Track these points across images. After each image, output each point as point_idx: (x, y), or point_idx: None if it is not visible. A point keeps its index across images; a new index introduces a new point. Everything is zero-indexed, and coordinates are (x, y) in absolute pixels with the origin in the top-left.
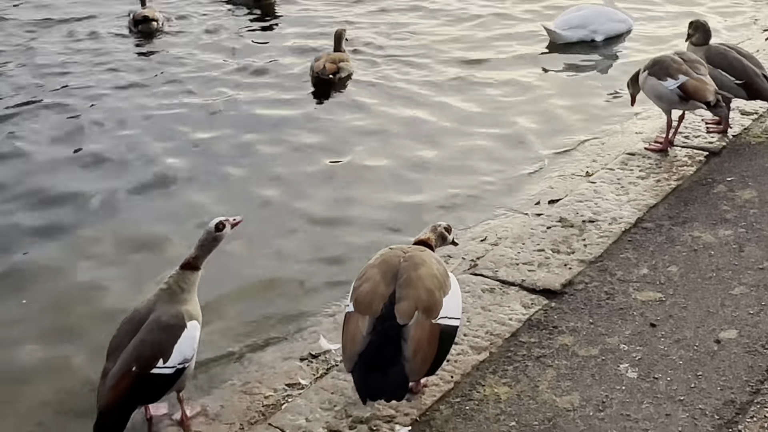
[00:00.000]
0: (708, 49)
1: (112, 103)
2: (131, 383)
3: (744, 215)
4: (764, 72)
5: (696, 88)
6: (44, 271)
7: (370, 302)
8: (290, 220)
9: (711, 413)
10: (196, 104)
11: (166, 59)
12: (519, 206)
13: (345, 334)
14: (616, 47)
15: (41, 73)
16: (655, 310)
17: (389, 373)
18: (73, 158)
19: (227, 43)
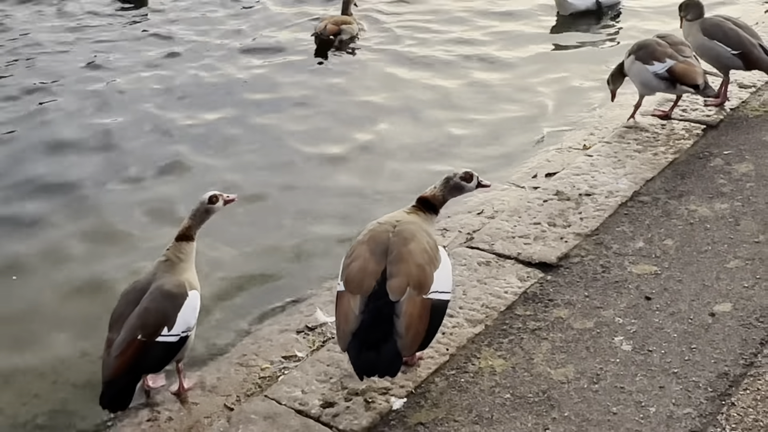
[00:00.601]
0: (703, 21)
1: (106, 80)
2: (137, 351)
3: (740, 189)
4: (761, 42)
5: (684, 71)
6: (39, 242)
7: (361, 280)
8: (286, 193)
9: (704, 386)
10: (192, 79)
11: (159, 34)
12: (516, 179)
13: (338, 314)
14: (621, 18)
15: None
16: (650, 284)
17: (382, 350)
18: (56, 142)
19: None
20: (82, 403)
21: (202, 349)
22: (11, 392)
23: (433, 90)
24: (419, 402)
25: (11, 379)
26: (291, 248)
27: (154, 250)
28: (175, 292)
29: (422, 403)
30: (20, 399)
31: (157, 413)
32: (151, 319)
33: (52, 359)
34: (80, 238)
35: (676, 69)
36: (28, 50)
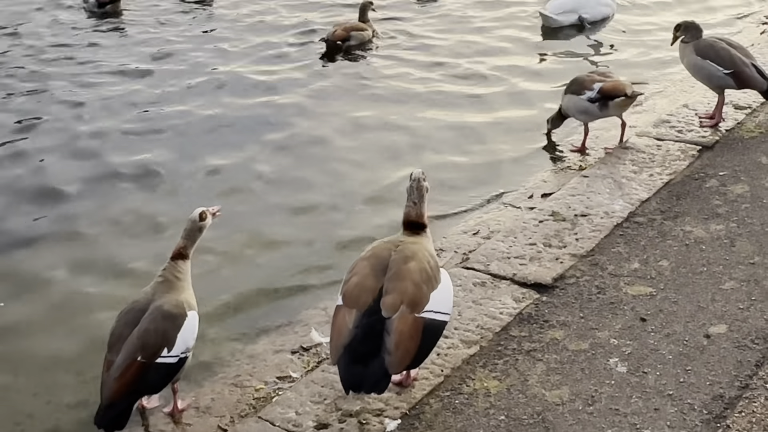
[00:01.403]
0: (697, 43)
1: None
2: (137, 373)
3: (736, 210)
4: (753, 62)
5: (613, 86)
6: (34, 266)
7: (357, 296)
8: (282, 212)
9: (700, 408)
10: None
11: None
12: (511, 200)
13: (333, 327)
14: (601, 31)
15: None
16: (645, 305)
17: (370, 366)
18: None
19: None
20: (76, 424)
21: (196, 369)
22: (5, 412)
23: (429, 105)
24: (413, 424)
25: (5, 399)
26: (286, 268)
27: (145, 268)
28: (175, 313)
29: (416, 425)
30: (14, 419)
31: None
32: (151, 340)
33: (46, 379)
34: (71, 257)
35: (605, 87)
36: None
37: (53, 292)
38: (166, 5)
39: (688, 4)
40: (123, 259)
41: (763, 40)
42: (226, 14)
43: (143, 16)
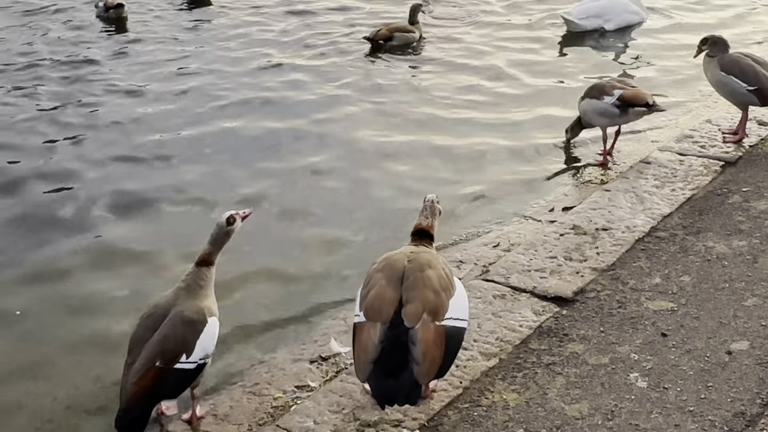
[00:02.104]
0: (721, 58)
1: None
2: (155, 378)
3: (759, 226)
4: None
5: (634, 94)
6: (52, 269)
7: (379, 308)
8: (303, 222)
9: (720, 425)
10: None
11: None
12: (532, 213)
13: (357, 344)
14: (625, 38)
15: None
16: (666, 320)
17: (400, 378)
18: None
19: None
20: (95, 429)
21: (215, 377)
22: (25, 417)
23: (454, 114)
24: None
25: (25, 405)
26: (306, 277)
27: (165, 275)
28: (195, 319)
29: None
30: (33, 424)
31: None
32: (170, 345)
33: (66, 384)
34: (90, 264)
35: (626, 95)
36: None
37: (72, 299)
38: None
39: (721, 18)
40: (144, 267)
41: None
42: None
43: (155, 27)
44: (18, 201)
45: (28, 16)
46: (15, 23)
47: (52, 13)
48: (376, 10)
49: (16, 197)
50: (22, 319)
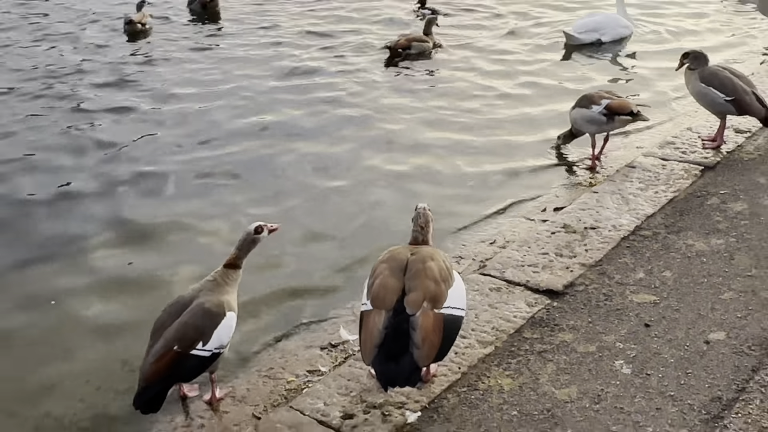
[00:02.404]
0: (702, 70)
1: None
2: (172, 361)
3: (735, 226)
4: (754, 90)
5: (619, 104)
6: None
7: (383, 297)
8: (313, 222)
9: (699, 408)
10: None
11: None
12: (526, 213)
13: (364, 331)
14: (619, 48)
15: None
16: (649, 312)
17: (401, 362)
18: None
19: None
20: (123, 408)
21: (233, 362)
22: (58, 397)
23: (456, 121)
24: (432, 416)
25: (59, 385)
26: (316, 271)
27: (197, 265)
28: (214, 311)
29: (435, 417)
30: (66, 403)
31: (190, 420)
32: (188, 332)
33: (97, 367)
34: (121, 251)
35: (612, 104)
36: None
37: (103, 289)
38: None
39: (700, 33)
40: (174, 255)
41: (763, 70)
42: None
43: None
44: (55, 198)
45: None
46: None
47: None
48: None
49: (53, 193)
50: (56, 307)
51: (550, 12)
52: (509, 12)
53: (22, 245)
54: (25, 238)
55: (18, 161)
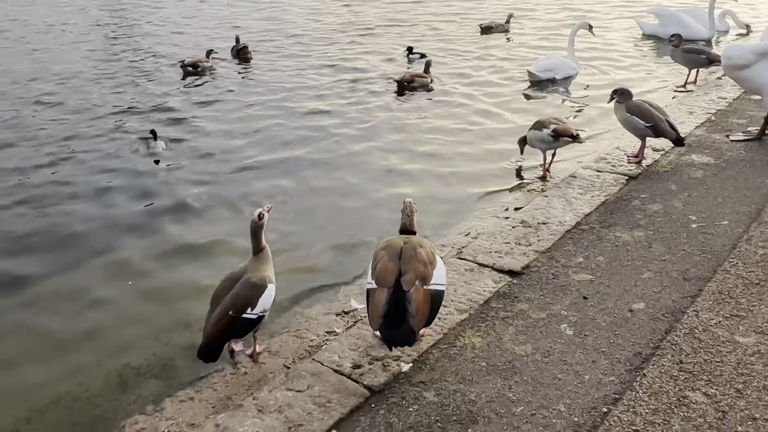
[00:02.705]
0: (628, 103)
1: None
2: (228, 323)
3: (652, 222)
4: (668, 119)
5: (563, 129)
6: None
7: (384, 277)
8: (332, 217)
9: (624, 361)
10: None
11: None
12: (493, 211)
13: (370, 304)
14: (568, 85)
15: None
16: (587, 288)
17: (401, 328)
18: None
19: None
20: (187, 359)
21: (270, 325)
22: (136, 353)
23: (448, 141)
24: (421, 367)
25: (136, 344)
26: (332, 256)
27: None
28: (259, 284)
29: (423, 367)
30: (143, 356)
31: (236, 369)
32: (240, 301)
33: (166, 329)
34: (187, 257)
35: (558, 128)
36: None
37: (170, 267)
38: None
39: (627, 75)
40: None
41: (674, 103)
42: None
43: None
44: (129, 198)
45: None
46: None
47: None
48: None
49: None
50: (134, 287)
51: (521, 52)
52: (487, 55)
53: (108, 237)
54: (109, 235)
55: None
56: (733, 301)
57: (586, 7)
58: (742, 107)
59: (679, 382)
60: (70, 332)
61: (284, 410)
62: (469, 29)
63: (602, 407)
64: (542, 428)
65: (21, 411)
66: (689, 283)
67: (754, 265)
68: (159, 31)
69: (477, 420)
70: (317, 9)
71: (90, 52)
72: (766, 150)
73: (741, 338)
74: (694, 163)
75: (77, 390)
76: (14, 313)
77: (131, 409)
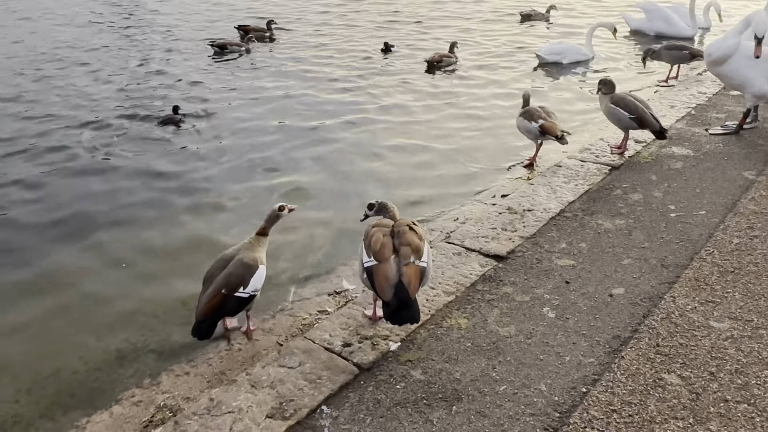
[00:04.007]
0: (613, 95)
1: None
2: (221, 301)
3: (633, 211)
4: (651, 111)
5: (549, 127)
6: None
7: (383, 252)
8: (327, 204)
9: (604, 343)
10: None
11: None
12: (480, 198)
13: (379, 277)
14: (576, 68)
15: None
16: (569, 272)
17: (412, 309)
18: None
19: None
20: (182, 336)
21: (263, 303)
22: (133, 328)
23: (461, 125)
24: (408, 346)
25: (133, 320)
26: (326, 237)
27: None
28: (251, 264)
29: (410, 346)
30: (140, 332)
31: (231, 345)
32: (232, 280)
33: (162, 307)
34: (187, 237)
35: (545, 125)
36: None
37: (164, 250)
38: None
39: (615, 64)
40: (218, 234)
41: (656, 97)
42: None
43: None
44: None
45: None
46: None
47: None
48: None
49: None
50: (128, 270)
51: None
52: (512, 41)
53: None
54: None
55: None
56: (708, 287)
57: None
58: (721, 102)
59: (655, 364)
60: (71, 308)
61: (276, 386)
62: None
63: (581, 387)
64: (524, 406)
65: (22, 383)
66: (667, 270)
67: (729, 253)
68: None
69: (461, 398)
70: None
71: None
72: (743, 144)
73: (715, 323)
74: (674, 155)
75: (76, 363)
76: (16, 289)
77: (129, 383)
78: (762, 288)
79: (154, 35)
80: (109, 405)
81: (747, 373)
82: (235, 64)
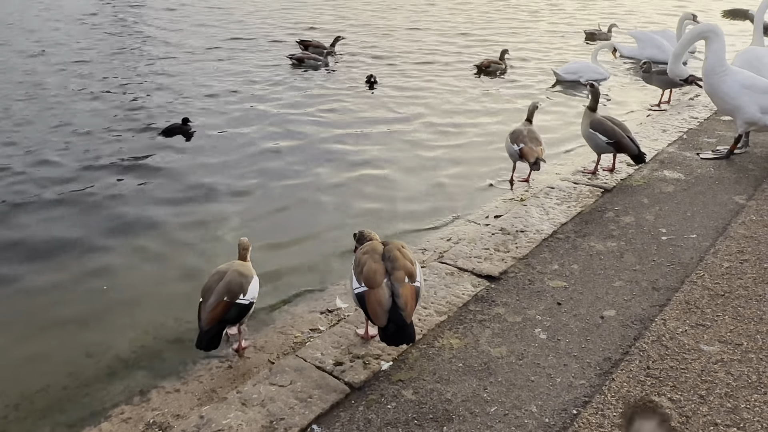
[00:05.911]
0: (592, 119)
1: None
2: (224, 309)
3: (625, 233)
4: (630, 135)
5: (526, 152)
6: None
7: (374, 278)
8: (315, 211)
9: (594, 365)
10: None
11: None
12: (473, 218)
13: (371, 303)
14: (584, 88)
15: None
16: (561, 294)
17: (407, 330)
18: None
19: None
20: (173, 353)
21: (255, 321)
22: (125, 343)
23: (437, 144)
24: (400, 366)
25: (125, 335)
26: (318, 253)
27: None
28: (246, 274)
29: (402, 366)
30: (131, 348)
31: (222, 363)
32: (233, 287)
33: (154, 322)
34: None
35: (523, 150)
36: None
37: (161, 258)
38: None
39: (606, 90)
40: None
41: (648, 121)
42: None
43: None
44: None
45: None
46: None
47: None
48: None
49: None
50: (118, 286)
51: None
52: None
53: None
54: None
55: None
56: (699, 311)
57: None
58: (712, 127)
59: (645, 386)
60: (61, 323)
61: (267, 404)
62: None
63: (572, 409)
64: (514, 428)
65: (10, 398)
66: (658, 292)
67: (720, 277)
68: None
69: (452, 418)
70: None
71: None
72: (734, 168)
73: (705, 347)
74: (666, 179)
75: (66, 379)
76: (5, 302)
77: (118, 399)
78: (752, 312)
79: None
80: (99, 422)
81: (737, 396)
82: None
